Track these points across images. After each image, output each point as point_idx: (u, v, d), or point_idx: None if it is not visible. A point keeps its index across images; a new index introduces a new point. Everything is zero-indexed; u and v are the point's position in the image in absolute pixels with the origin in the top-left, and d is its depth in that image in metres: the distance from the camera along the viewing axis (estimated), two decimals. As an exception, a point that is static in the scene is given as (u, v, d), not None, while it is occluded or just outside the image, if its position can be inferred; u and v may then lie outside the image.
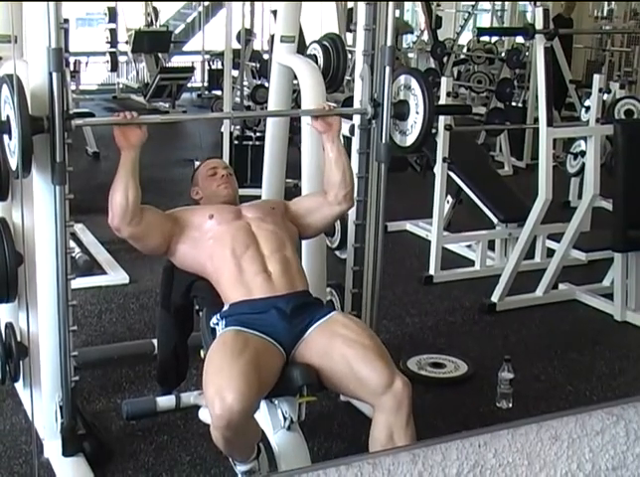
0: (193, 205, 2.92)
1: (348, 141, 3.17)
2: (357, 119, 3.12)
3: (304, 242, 3.16)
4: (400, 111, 2.95)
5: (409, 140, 2.97)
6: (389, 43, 2.88)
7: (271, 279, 2.54)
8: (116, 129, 2.59)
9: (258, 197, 3.47)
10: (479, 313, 4.26)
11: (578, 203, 5.74)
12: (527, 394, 3.37)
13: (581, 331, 4.14)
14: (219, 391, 2.17)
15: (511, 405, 3.28)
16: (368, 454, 2.18)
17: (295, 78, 3.41)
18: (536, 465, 1.59)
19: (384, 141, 2.94)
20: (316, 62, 3.42)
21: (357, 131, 3.10)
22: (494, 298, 4.27)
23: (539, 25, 3.80)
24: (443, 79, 4.65)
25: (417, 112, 2.90)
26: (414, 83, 2.92)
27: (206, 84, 10.89)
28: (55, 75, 2.42)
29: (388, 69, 2.89)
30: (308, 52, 3.50)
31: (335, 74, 3.40)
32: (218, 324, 2.49)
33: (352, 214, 3.11)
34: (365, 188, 3.10)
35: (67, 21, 2.77)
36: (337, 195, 2.83)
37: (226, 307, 2.53)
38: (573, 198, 6.24)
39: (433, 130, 4.29)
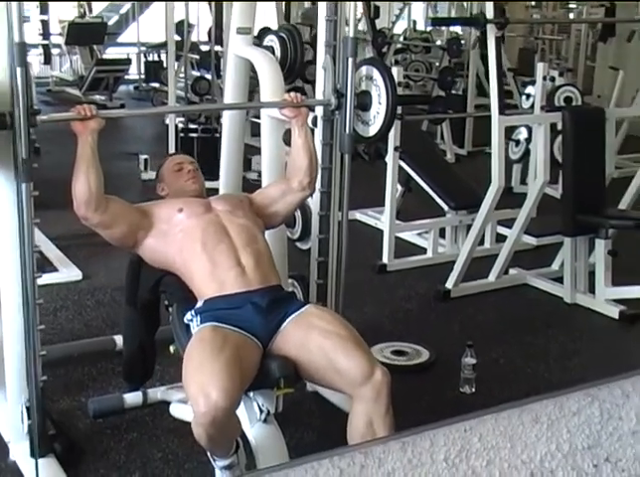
0: (145, 201, 2.89)
1: (311, 132, 3.17)
2: (319, 110, 3.13)
3: (266, 234, 3.15)
4: (363, 102, 2.97)
5: (372, 130, 3.00)
6: (351, 34, 2.90)
7: (245, 273, 2.53)
8: (74, 111, 2.56)
9: (210, 189, 3.45)
10: (434, 300, 4.32)
11: (521, 189, 5.89)
12: (488, 378, 3.43)
13: (534, 314, 4.24)
14: (202, 388, 2.16)
15: (474, 390, 3.34)
16: (359, 444, 2.22)
17: (252, 69, 3.40)
18: (518, 447, 1.63)
19: (347, 132, 2.95)
20: (273, 53, 3.41)
21: (320, 122, 3.11)
22: (449, 285, 4.33)
23: (490, 15, 3.87)
24: (394, 69, 4.68)
25: (380, 103, 2.93)
26: (376, 74, 2.94)
27: (143, 77, 10.75)
28: (19, 69, 2.36)
29: (350, 60, 2.90)
30: (265, 43, 3.49)
31: (292, 64, 3.40)
32: (192, 320, 2.48)
33: (316, 205, 3.12)
34: (329, 179, 3.11)
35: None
36: (302, 181, 2.84)
37: (200, 303, 2.51)
38: (516, 184, 6.37)
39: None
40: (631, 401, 1.77)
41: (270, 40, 3.45)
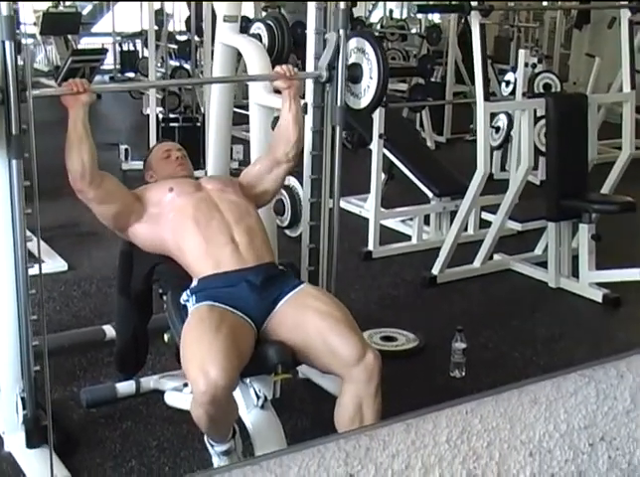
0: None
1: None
2: (309, 84, 3.12)
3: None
4: (354, 74, 2.98)
5: (363, 103, 3.01)
6: (342, 6, 2.90)
7: (239, 250, 2.54)
8: (67, 85, 2.55)
9: (211, 176, 3.44)
10: (421, 286, 4.34)
11: (502, 175, 5.93)
12: (477, 362, 3.46)
13: (520, 299, 4.28)
14: (201, 367, 2.18)
15: (464, 374, 3.37)
16: (364, 427, 2.24)
17: (239, 57, 3.39)
18: (517, 428, 1.67)
19: (339, 104, 2.97)
20: (260, 41, 3.41)
21: (310, 109, 3.10)
22: (434, 271, 4.36)
23: (474, 2, 3.89)
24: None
25: (371, 77, 2.94)
26: (368, 47, 2.95)
27: (118, 67, 10.66)
28: (7, 43, 2.33)
29: (342, 32, 2.90)
30: (252, 31, 3.49)
31: (280, 52, 3.40)
32: (188, 300, 2.48)
33: (306, 191, 3.13)
34: (319, 166, 3.11)
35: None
36: (288, 153, 2.85)
37: (195, 282, 2.52)
38: (496, 171, 6.40)
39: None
40: (625, 381, 1.81)
41: (257, 27, 3.44)
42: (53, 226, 4.60)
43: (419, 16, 9.94)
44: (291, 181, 4.42)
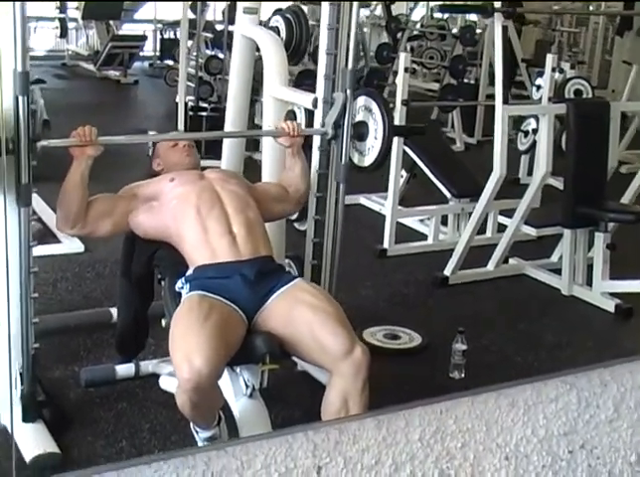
0: (150, 177, 2.94)
1: (310, 114, 3.20)
2: (317, 140, 3.16)
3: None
4: (360, 132, 3.04)
5: (367, 161, 3.06)
6: (349, 66, 2.93)
7: (236, 242, 2.58)
8: (75, 135, 2.60)
9: (215, 168, 3.48)
10: (432, 286, 4.34)
11: (528, 180, 5.86)
12: (478, 364, 3.45)
13: (530, 304, 4.26)
14: (187, 355, 2.22)
15: (463, 376, 3.37)
16: (334, 420, 2.25)
17: (257, 49, 3.42)
18: (493, 431, 1.67)
19: (343, 162, 3.01)
20: (278, 34, 3.43)
21: (320, 104, 3.11)
22: (447, 272, 4.35)
23: (497, 4, 3.87)
24: (401, 55, 4.70)
25: (376, 138, 2.98)
26: (375, 107, 2.99)
27: (158, 54, 10.76)
28: (21, 98, 2.42)
29: (349, 91, 2.94)
30: (270, 24, 3.51)
31: (297, 46, 3.42)
32: (182, 288, 2.53)
33: (313, 185, 3.14)
34: (327, 161, 3.13)
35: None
36: (297, 192, 2.99)
37: (190, 270, 2.57)
38: (523, 175, 6.37)
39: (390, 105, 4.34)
40: (609, 390, 1.80)
41: (276, 21, 3.46)
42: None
43: (458, 16, 9.86)
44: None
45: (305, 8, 7.33)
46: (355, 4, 2.93)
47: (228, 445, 1.44)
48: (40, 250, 4.11)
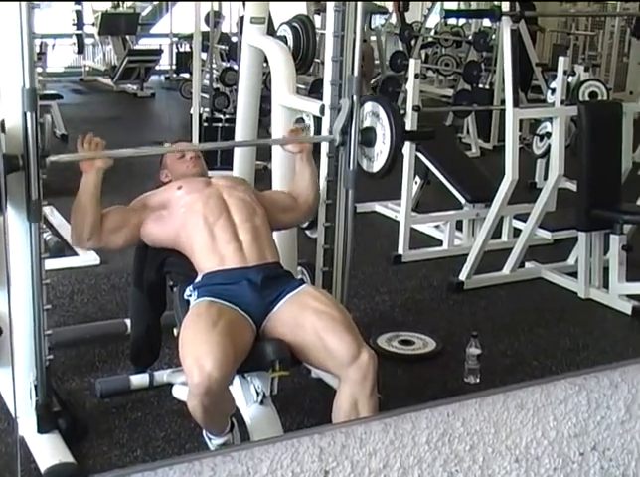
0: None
1: (318, 121, 3.21)
2: (325, 146, 3.16)
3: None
4: (367, 138, 3.03)
5: (376, 167, 3.06)
6: (355, 72, 2.94)
7: (242, 249, 2.60)
8: (82, 147, 2.64)
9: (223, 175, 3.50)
10: (447, 291, 4.33)
11: (544, 184, 5.85)
12: (494, 369, 3.45)
13: (547, 308, 4.23)
14: (197, 359, 2.23)
15: (478, 380, 3.35)
16: (340, 424, 2.25)
17: (265, 59, 3.44)
18: (502, 433, 1.65)
19: (351, 168, 3.02)
20: (286, 43, 3.44)
21: (327, 111, 3.12)
22: (462, 277, 4.34)
23: (505, 7, 3.87)
24: (412, 61, 4.70)
25: (384, 143, 2.98)
26: (382, 113, 2.99)
27: (174, 67, 10.85)
28: (29, 114, 2.45)
29: (355, 97, 2.95)
30: (278, 33, 3.53)
31: (305, 55, 3.43)
32: (191, 295, 2.55)
33: (323, 193, 3.15)
34: (335, 168, 3.14)
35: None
36: (306, 201, 3.00)
37: (199, 278, 2.59)
38: (539, 179, 6.33)
39: (402, 111, 4.35)
40: (620, 392, 1.78)
41: (284, 30, 3.48)
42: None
43: (471, 21, 9.85)
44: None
45: (317, 18, 7.36)
46: (359, 11, 2.93)
47: (233, 450, 1.44)
48: (57, 264, 4.22)
